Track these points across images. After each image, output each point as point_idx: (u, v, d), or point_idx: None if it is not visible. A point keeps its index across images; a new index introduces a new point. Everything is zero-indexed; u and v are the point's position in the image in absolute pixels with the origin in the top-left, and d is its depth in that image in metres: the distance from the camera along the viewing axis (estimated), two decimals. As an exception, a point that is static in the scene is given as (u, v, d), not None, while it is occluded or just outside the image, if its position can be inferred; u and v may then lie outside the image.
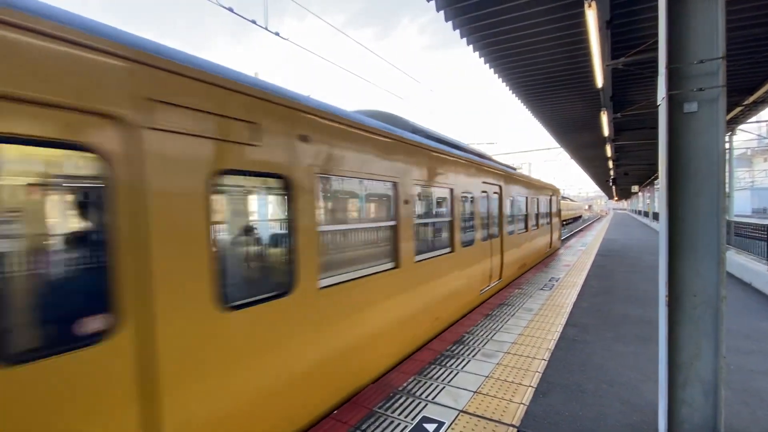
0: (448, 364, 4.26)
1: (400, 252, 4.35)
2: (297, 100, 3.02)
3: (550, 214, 13.98)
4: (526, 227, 10.53)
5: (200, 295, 2.24)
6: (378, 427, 3.08)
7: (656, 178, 31.99)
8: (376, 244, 4.30)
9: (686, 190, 2.58)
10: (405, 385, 3.79)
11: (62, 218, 1.94)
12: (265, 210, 3.23)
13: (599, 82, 7.44)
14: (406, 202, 4.49)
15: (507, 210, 8.57)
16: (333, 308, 3.36)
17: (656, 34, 2.72)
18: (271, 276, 3.12)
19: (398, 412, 3.30)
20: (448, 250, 5.67)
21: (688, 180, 2.58)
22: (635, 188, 39.62)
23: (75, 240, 1.93)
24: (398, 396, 3.57)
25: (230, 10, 4.97)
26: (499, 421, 3.13)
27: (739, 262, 9.16)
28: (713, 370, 2.50)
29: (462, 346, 4.79)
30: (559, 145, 21.56)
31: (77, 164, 1.91)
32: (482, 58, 7.91)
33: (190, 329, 2.19)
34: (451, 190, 5.80)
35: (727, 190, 2.57)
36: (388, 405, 3.41)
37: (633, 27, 6.56)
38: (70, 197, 1.98)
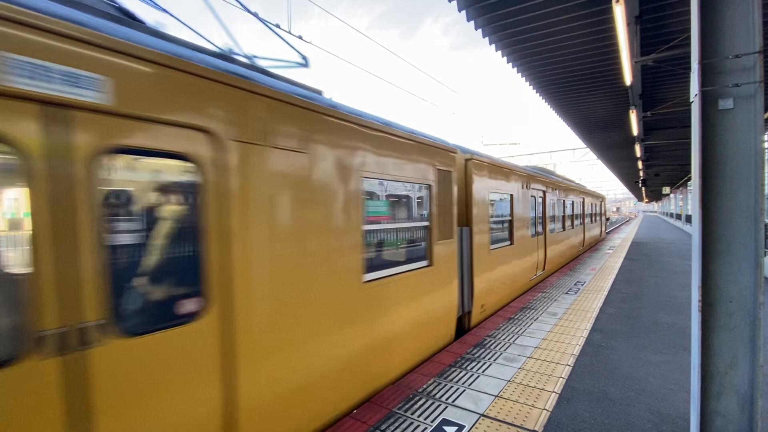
0: (468, 368, 4.21)
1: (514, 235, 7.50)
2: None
3: (593, 215, 18.79)
4: (573, 225, 13.27)
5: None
6: (397, 428, 3.08)
7: (689, 179, 30.63)
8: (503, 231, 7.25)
9: (721, 190, 2.47)
10: (425, 387, 3.77)
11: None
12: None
13: (628, 79, 7.19)
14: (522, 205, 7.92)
15: (550, 212, 10.22)
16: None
17: (688, 29, 2.63)
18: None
19: (418, 413, 3.29)
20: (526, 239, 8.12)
21: (723, 180, 2.47)
22: (666, 190, 38.04)
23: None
24: (418, 398, 3.55)
25: (255, 15, 5.10)
26: (521, 427, 3.07)
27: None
28: (750, 380, 2.37)
29: (483, 350, 4.72)
30: (585, 146, 20.96)
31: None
32: (505, 58, 7.80)
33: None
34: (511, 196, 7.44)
35: (765, 191, 2.45)
36: (407, 406, 3.40)
37: (664, 22, 6.31)
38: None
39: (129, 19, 2.45)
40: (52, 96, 1.73)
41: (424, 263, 4.56)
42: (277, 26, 5.64)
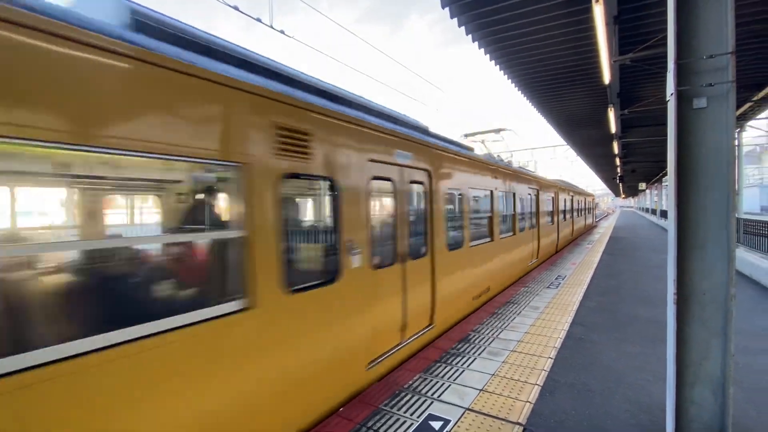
0: (453, 362, 4.26)
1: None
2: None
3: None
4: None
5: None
6: (384, 424, 3.09)
7: (664, 174, 31.65)
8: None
9: (695, 187, 2.55)
10: (411, 383, 3.79)
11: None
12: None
13: (606, 78, 7.36)
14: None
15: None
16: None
17: (664, 30, 2.69)
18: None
19: (404, 409, 3.30)
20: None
21: (697, 177, 2.55)
22: (642, 185, 39.21)
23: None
24: (404, 394, 3.57)
25: (235, 8, 4.98)
26: (505, 419, 3.12)
27: (749, 260, 9.04)
28: (722, 369, 2.47)
29: (468, 345, 4.78)
30: (565, 143, 21.39)
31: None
32: (488, 55, 7.86)
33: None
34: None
35: (736, 187, 2.54)
36: (393, 403, 3.42)
37: (640, 22, 6.47)
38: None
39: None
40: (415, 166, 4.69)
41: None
42: (258, 20, 5.54)
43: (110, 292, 2.36)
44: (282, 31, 5.75)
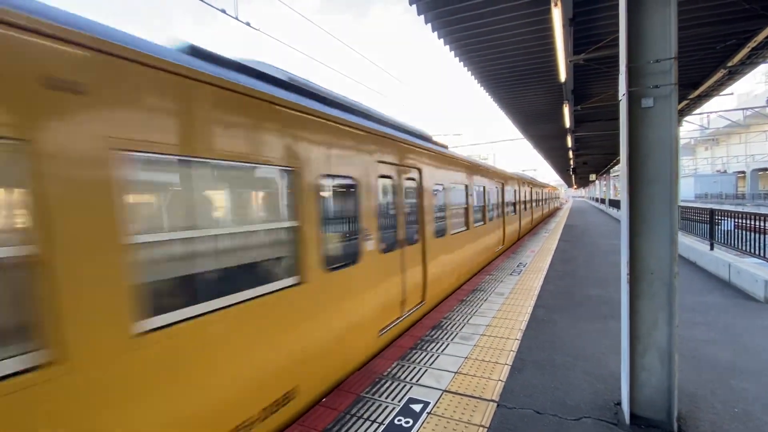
0: (428, 348, 4.45)
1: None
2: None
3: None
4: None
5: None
6: (367, 410, 3.21)
7: (612, 166, 33.88)
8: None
9: (644, 178, 2.85)
10: (389, 370, 3.94)
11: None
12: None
13: (563, 76, 7.82)
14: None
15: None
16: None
17: (613, 32, 2.96)
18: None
19: (385, 395, 3.44)
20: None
21: (645, 169, 2.85)
22: (593, 176, 41.68)
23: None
24: (383, 381, 3.71)
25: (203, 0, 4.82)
26: (480, 398, 3.35)
27: (685, 243, 10.00)
28: (668, 339, 2.80)
29: (440, 331, 5.00)
30: (522, 136, 22.34)
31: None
32: (452, 52, 8.09)
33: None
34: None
35: (678, 179, 2.87)
36: (374, 390, 3.55)
37: (592, 25, 6.93)
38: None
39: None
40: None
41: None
42: (223, 11, 5.38)
43: (232, 268, 2.95)
44: (248, 23, 5.62)
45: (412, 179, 5.59)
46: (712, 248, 8.70)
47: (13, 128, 1.60)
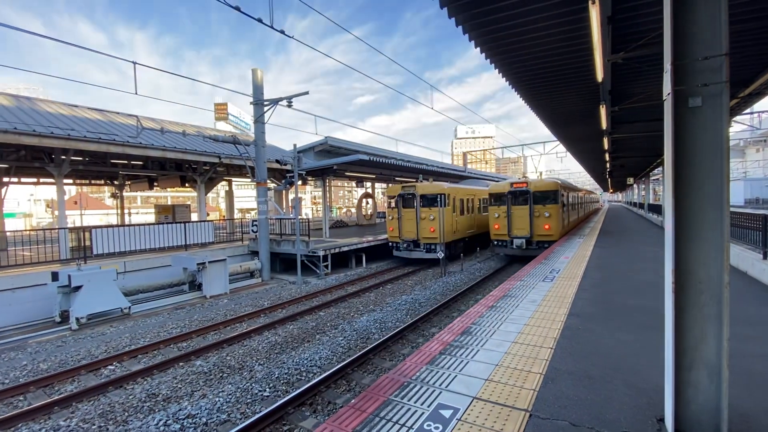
0: (458, 354, 4.39)
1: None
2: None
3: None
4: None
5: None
6: (396, 414, 3.20)
7: (652, 169, 32.27)
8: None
9: (691, 181, 2.69)
10: (418, 374, 3.91)
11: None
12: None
13: (600, 76, 7.53)
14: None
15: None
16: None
17: (655, 29, 2.83)
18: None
19: (414, 399, 3.42)
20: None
21: (693, 172, 2.69)
22: (630, 180, 39.84)
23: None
24: (413, 385, 3.69)
25: (237, 8, 5.01)
26: (512, 407, 3.26)
27: (734, 251, 9.35)
28: (717, 353, 2.62)
29: (470, 337, 4.92)
30: (555, 139, 21.70)
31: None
32: (483, 54, 7.97)
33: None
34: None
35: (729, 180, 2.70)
36: (403, 393, 3.53)
37: (633, 22, 6.64)
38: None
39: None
40: None
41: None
42: (260, 21, 5.57)
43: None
44: (282, 31, 5.79)
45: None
46: (765, 257, 8.09)
47: None
